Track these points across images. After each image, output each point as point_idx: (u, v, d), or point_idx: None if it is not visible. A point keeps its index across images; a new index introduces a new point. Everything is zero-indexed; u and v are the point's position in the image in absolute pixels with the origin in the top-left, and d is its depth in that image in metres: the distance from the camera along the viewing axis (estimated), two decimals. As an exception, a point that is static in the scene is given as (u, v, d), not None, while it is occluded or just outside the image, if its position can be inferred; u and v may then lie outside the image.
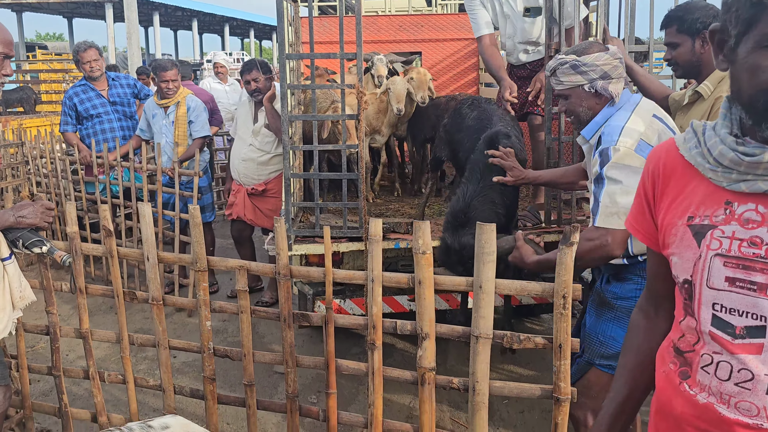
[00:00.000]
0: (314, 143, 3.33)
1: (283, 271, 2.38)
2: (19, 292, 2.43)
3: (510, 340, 2.12)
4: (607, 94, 2.27)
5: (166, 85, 5.12)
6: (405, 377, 2.34)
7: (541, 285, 2.06)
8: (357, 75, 3.17)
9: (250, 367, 2.54)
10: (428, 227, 2.12)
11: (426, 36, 6.13)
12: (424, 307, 2.17)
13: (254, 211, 4.92)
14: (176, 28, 51.29)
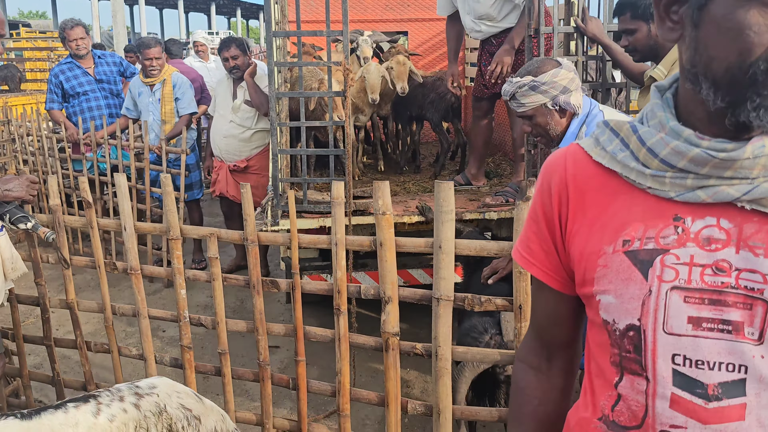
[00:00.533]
0: (302, 120, 3.39)
1: (251, 237, 2.41)
2: (11, 263, 2.48)
3: (471, 302, 2.10)
4: (570, 108, 2.32)
5: (150, 63, 5.15)
6: (370, 343, 2.35)
7: (498, 244, 2.06)
8: (343, 53, 3.22)
9: (224, 335, 2.58)
10: (387, 187, 2.11)
11: (412, 15, 6.17)
12: (385, 270, 2.15)
13: (236, 187, 4.97)
14: (162, 6, 50.59)
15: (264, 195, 5.06)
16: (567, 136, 2.35)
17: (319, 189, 4.16)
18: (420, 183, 4.41)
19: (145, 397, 1.86)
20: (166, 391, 1.91)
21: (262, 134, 4.91)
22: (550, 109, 2.34)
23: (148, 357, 2.73)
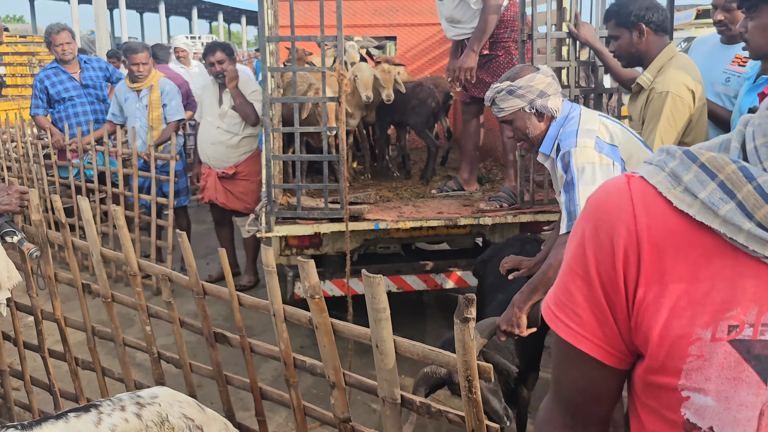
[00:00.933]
0: (295, 125, 3.37)
1: (196, 288, 2.26)
2: (6, 272, 2.43)
3: (420, 409, 1.82)
4: (547, 111, 2.35)
5: (137, 68, 5.10)
6: (326, 420, 2.14)
7: (444, 356, 1.72)
8: (337, 58, 3.21)
9: (190, 377, 2.50)
10: (313, 268, 1.84)
11: (401, 20, 6.17)
12: (326, 355, 1.93)
13: (225, 194, 4.94)
14: (142, 10, 50.24)
15: (253, 200, 5.05)
16: (546, 139, 2.40)
17: (311, 194, 4.13)
18: (412, 189, 4.40)
19: (147, 407, 1.84)
20: (168, 401, 1.89)
21: (250, 140, 4.88)
22: (527, 113, 2.37)
23: (128, 383, 2.67)
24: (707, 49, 3.39)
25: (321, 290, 1.88)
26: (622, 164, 2.27)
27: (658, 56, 2.71)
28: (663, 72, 2.68)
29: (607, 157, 2.23)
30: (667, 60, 2.71)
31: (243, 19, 53.12)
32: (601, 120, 2.35)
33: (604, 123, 2.34)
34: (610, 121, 2.39)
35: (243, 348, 2.26)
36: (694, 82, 2.65)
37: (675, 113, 2.59)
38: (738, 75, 3.16)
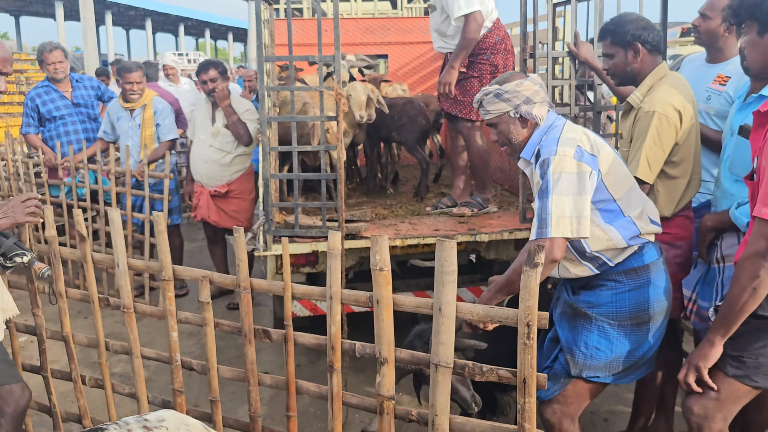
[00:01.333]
0: (293, 144, 3.37)
1: (244, 283, 2.29)
2: (2, 304, 2.39)
3: (472, 371, 1.93)
4: (531, 118, 2.38)
5: (131, 87, 5.08)
6: (365, 404, 2.21)
7: (505, 311, 1.84)
8: (336, 77, 3.23)
9: (215, 382, 2.49)
10: (386, 241, 1.94)
11: (392, 39, 6.23)
12: (382, 330, 1.99)
13: (218, 212, 4.93)
14: (129, 27, 50.21)
15: (247, 219, 5.04)
16: (528, 146, 2.41)
17: (307, 213, 4.13)
18: (407, 206, 4.41)
19: (154, 431, 1.81)
20: (176, 424, 1.86)
21: (243, 158, 4.88)
22: (512, 117, 2.40)
23: (141, 397, 2.64)
24: (694, 67, 3.45)
25: (389, 264, 1.95)
26: (599, 174, 2.29)
27: (649, 75, 2.75)
28: (652, 91, 2.71)
29: (586, 165, 2.24)
30: (657, 79, 2.74)
31: (230, 35, 53.23)
32: (584, 131, 2.38)
33: (587, 133, 2.36)
34: (593, 134, 2.42)
35: (286, 339, 2.29)
36: (682, 101, 2.66)
37: (661, 132, 2.61)
38: (718, 93, 3.22)
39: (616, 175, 2.32)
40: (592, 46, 3.36)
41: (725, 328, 2.05)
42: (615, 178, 2.31)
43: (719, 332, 2.07)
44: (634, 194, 2.38)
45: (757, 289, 1.92)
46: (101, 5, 33.34)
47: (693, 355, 2.15)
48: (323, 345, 2.21)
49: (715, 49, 3.24)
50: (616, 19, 2.80)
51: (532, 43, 3.49)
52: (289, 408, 2.37)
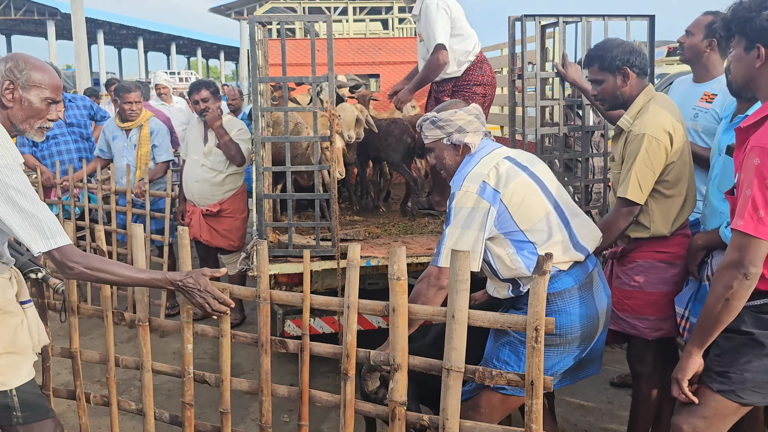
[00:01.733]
0: (287, 164, 3.39)
1: (264, 294, 2.34)
2: (36, 335, 2.37)
3: (482, 375, 2.03)
4: (458, 143, 2.53)
5: (129, 107, 5.09)
6: (377, 411, 2.29)
7: (513, 317, 1.98)
8: (330, 97, 3.26)
9: (227, 393, 2.51)
10: (404, 252, 2.05)
11: (384, 59, 6.28)
12: (397, 337, 2.09)
13: (210, 231, 4.93)
14: (120, 46, 50.40)
15: (238, 238, 5.04)
16: (457, 172, 2.53)
17: (300, 232, 4.14)
18: (399, 225, 4.43)
19: None
20: None
21: (235, 177, 4.89)
22: (446, 144, 2.56)
23: (148, 412, 2.63)
24: (683, 88, 3.53)
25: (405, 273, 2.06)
26: (501, 209, 2.35)
27: (637, 98, 2.78)
28: (642, 113, 2.74)
29: (486, 201, 2.34)
30: (646, 101, 2.77)
31: (221, 54, 53.49)
32: (499, 164, 2.43)
33: (499, 167, 2.41)
34: (510, 164, 2.45)
35: (302, 349, 2.33)
36: (672, 122, 2.70)
37: (651, 154, 2.65)
38: (705, 111, 3.28)
39: (527, 206, 2.38)
40: (579, 67, 3.42)
41: (701, 338, 2.09)
42: (525, 210, 2.38)
43: (696, 342, 2.11)
44: (552, 222, 2.42)
45: (730, 300, 1.97)
46: (93, 24, 33.51)
47: (675, 369, 2.19)
48: (338, 354, 2.27)
49: (700, 67, 3.32)
50: (602, 45, 2.84)
51: (520, 64, 3.55)
52: (301, 417, 2.41)
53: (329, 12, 9.15)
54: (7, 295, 2.24)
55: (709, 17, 3.24)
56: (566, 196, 2.55)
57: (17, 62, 2.16)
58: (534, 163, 2.56)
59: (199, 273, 2.31)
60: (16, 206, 2.04)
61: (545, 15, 3.56)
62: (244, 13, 28.00)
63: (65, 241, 2.12)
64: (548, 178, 2.54)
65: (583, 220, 2.53)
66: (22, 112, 2.16)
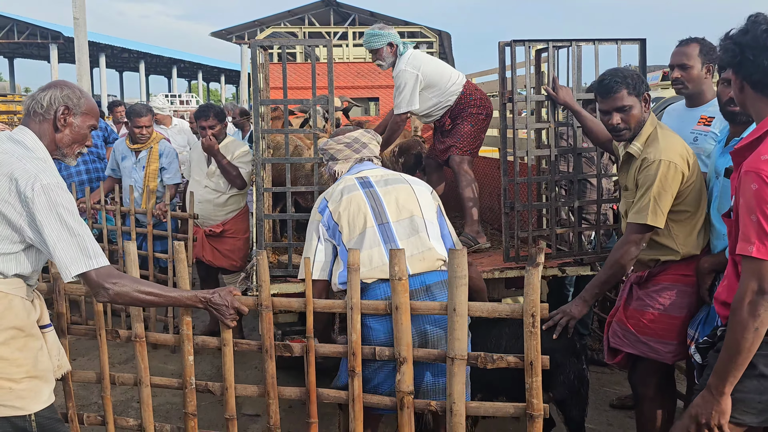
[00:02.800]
0: (287, 185, 3.45)
1: (266, 302, 2.42)
2: (57, 361, 2.39)
3: (484, 360, 2.24)
4: (330, 172, 2.83)
5: (140, 131, 5.17)
6: (384, 403, 2.42)
7: (510, 306, 2.22)
8: (331, 120, 3.33)
9: (232, 400, 2.56)
10: (403, 254, 2.24)
11: (383, 82, 6.38)
12: (401, 332, 2.27)
13: (212, 252, 4.97)
14: (122, 69, 50.80)
15: (240, 258, 5.08)
16: None
17: (299, 252, 4.18)
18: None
19: None
20: None
21: (237, 198, 4.95)
22: (328, 171, 2.89)
23: (147, 427, 2.64)
24: (677, 114, 3.58)
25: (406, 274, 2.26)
26: (330, 221, 2.64)
27: (645, 125, 2.80)
28: (652, 141, 2.75)
29: (319, 213, 2.68)
30: (652, 128, 2.80)
31: (222, 77, 53.90)
32: (343, 182, 2.71)
33: (340, 184, 2.71)
34: (357, 183, 2.70)
35: (307, 351, 2.44)
36: (685, 147, 2.73)
37: (669, 179, 2.66)
38: (704, 134, 3.32)
39: (350, 220, 2.61)
40: (570, 90, 3.48)
41: (734, 375, 1.95)
42: (347, 223, 2.61)
43: (728, 380, 1.96)
44: (369, 238, 2.59)
45: (759, 328, 1.88)
46: (95, 47, 33.80)
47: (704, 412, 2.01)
48: (343, 354, 2.41)
49: (695, 93, 3.37)
50: (624, 71, 2.83)
51: (510, 88, 3.62)
52: (310, 415, 2.50)
53: (329, 37, 9.30)
54: (30, 317, 2.25)
55: (695, 45, 3.28)
56: (412, 219, 2.64)
57: (73, 89, 2.30)
58: (393, 182, 2.71)
59: (227, 291, 2.39)
60: (64, 225, 2.09)
61: (535, 40, 3.63)
62: (245, 38, 28.29)
63: (105, 262, 2.17)
64: (400, 198, 2.67)
65: (416, 242, 2.60)
66: (70, 137, 2.29)
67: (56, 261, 2.12)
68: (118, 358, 4.73)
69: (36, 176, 2.08)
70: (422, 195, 2.74)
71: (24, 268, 2.21)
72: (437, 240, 2.67)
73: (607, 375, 4.46)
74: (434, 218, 2.72)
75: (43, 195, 2.07)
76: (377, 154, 2.88)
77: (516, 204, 3.64)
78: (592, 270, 3.77)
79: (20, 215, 2.09)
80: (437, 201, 2.80)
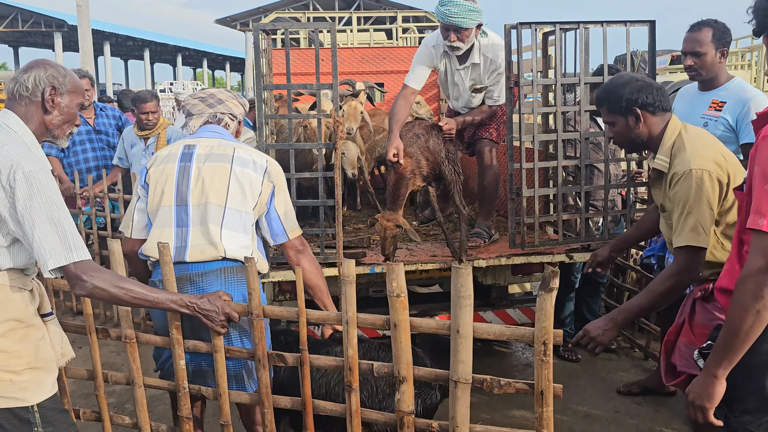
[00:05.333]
0: (291, 171, 3.41)
1: (256, 311, 2.34)
2: (60, 349, 2.34)
3: (490, 384, 2.07)
4: (185, 128, 2.75)
5: (146, 117, 5.15)
6: (384, 419, 2.30)
7: (520, 330, 2.02)
8: (333, 104, 3.29)
9: (226, 406, 2.49)
10: (402, 269, 2.06)
11: (388, 67, 6.33)
12: (400, 351, 2.13)
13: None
14: (127, 57, 50.73)
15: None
16: None
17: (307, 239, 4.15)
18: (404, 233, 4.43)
19: None
20: None
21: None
22: None
23: (143, 427, 2.60)
24: (689, 98, 3.52)
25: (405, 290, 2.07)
26: (144, 187, 2.62)
27: (665, 136, 2.58)
28: (678, 151, 2.53)
29: (141, 173, 2.65)
30: (675, 136, 2.57)
31: (227, 65, 53.77)
32: (172, 147, 2.66)
33: (165, 150, 2.65)
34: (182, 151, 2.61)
35: (302, 363, 2.32)
36: (718, 153, 2.48)
37: (704, 189, 2.41)
38: (715, 119, 3.27)
39: (154, 192, 2.57)
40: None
41: (729, 359, 1.82)
42: (152, 194, 2.57)
43: (722, 364, 1.84)
44: (164, 216, 2.53)
45: (761, 311, 1.72)
46: (100, 36, 33.74)
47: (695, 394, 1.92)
48: (338, 367, 2.28)
49: (709, 78, 3.31)
50: (608, 85, 2.68)
51: (516, 71, 3.56)
52: (306, 427, 2.41)
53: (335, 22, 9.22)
54: (29, 308, 2.20)
55: (707, 30, 3.22)
56: (207, 206, 2.50)
57: (57, 68, 2.20)
58: (213, 160, 2.55)
59: (216, 296, 2.30)
60: (45, 214, 1.99)
61: (542, 23, 3.56)
62: (249, 25, 28.19)
63: (86, 255, 2.07)
64: (207, 180, 2.52)
65: (204, 233, 2.49)
66: (60, 118, 2.20)
67: (35, 253, 2.02)
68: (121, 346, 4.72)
69: (18, 163, 1.99)
70: (243, 178, 2.54)
71: (16, 262, 2.13)
72: (233, 231, 2.51)
73: (614, 362, 4.44)
74: (245, 207, 2.55)
75: (24, 184, 1.97)
76: (236, 113, 2.75)
77: (522, 190, 3.59)
78: (600, 256, 3.72)
79: (3, 206, 2.01)
80: (272, 183, 2.62)
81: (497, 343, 4.75)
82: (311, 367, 2.33)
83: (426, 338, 3.74)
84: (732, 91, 3.30)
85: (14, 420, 2.14)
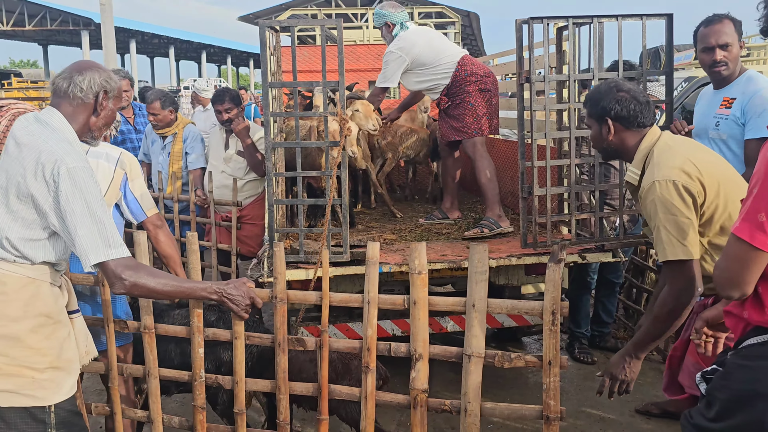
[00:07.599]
0: (298, 170, 3.38)
1: (280, 294, 2.38)
2: (84, 347, 2.37)
3: (501, 359, 2.15)
4: None
5: (151, 118, 5.17)
6: (398, 401, 2.35)
7: (530, 303, 2.14)
8: (340, 102, 3.25)
9: (242, 394, 2.52)
10: (424, 248, 2.16)
11: (404, 64, 6.25)
12: (417, 328, 2.20)
13: (229, 237, 4.94)
14: (153, 55, 51.35)
15: (257, 244, 5.03)
16: None
17: (315, 238, 4.12)
18: (415, 231, 4.39)
19: None
20: None
21: (254, 183, 4.90)
22: None
23: (156, 419, 2.62)
24: (706, 99, 3.44)
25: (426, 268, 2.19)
26: None
27: (639, 148, 2.51)
28: (648, 163, 2.47)
29: None
30: (649, 148, 2.49)
31: (251, 62, 54.09)
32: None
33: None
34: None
35: (321, 345, 2.38)
36: (687, 161, 2.36)
37: (673, 199, 2.30)
38: (725, 117, 3.18)
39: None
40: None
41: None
42: None
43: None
44: None
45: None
46: (126, 33, 34.19)
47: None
48: (357, 349, 2.35)
49: (728, 68, 3.21)
50: (596, 87, 2.64)
51: (527, 68, 3.49)
52: (321, 411, 2.45)
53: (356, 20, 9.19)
54: (58, 303, 2.23)
55: (728, 22, 3.13)
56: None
57: (109, 73, 2.28)
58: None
59: (241, 282, 2.35)
60: (87, 210, 2.04)
61: (554, 17, 3.48)
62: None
63: (125, 252, 2.12)
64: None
65: None
66: (105, 120, 2.28)
67: (76, 248, 2.07)
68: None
69: (62, 159, 2.04)
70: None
71: (51, 255, 2.17)
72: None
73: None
74: None
75: (68, 179, 2.02)
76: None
77: (534, 188, 3.52)
78: (614, 257, 3.64)
79: (45, 200, 2.05)
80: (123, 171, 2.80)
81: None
82: None
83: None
84: (741, 84, 3.21)
85: (29, 419, 2.15)
